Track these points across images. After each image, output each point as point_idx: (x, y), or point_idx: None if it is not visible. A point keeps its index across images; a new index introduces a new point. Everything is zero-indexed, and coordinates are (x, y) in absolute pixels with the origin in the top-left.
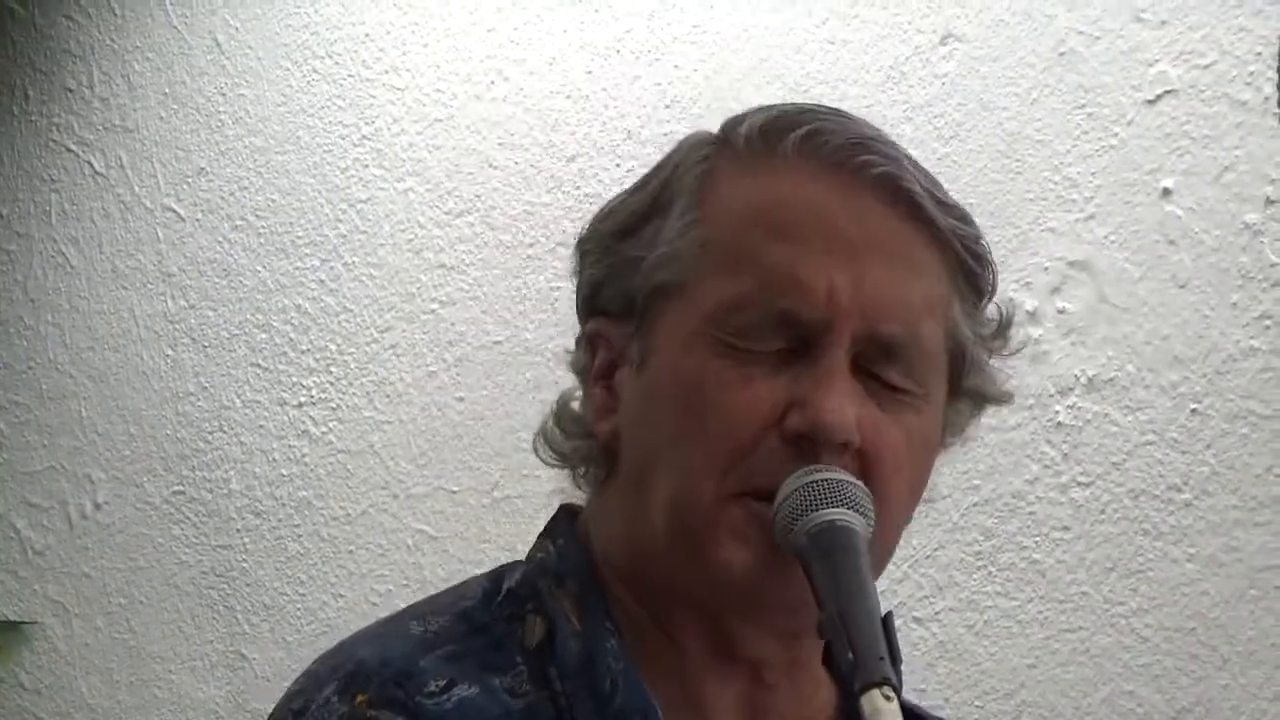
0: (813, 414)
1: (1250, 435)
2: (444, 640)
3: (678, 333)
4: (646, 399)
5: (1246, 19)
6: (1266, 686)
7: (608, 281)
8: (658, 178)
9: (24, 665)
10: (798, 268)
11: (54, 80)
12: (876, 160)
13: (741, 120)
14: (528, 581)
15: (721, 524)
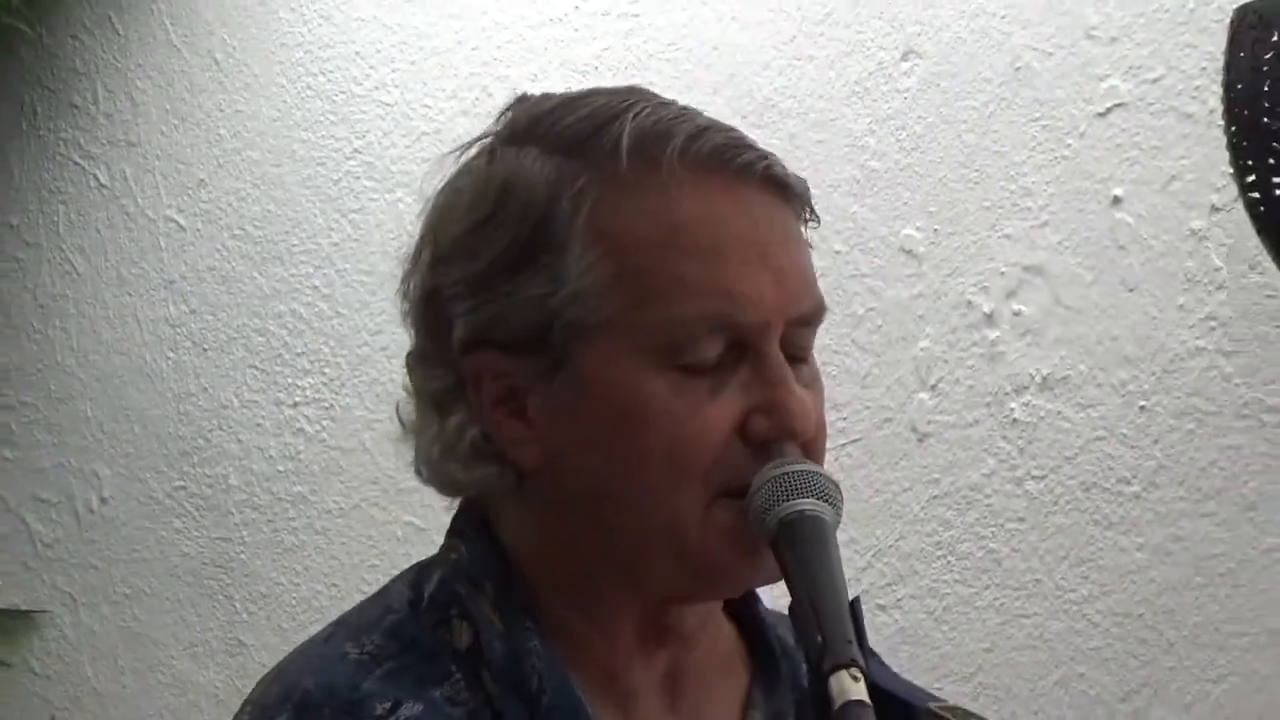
0: (779, 417)
1: (1196, 431)
2: (381, 659)
3: (612, 364)
4: (592, 431)
5: (1193, 36)
6: (1210, 669)
7: (497, 320)
8: (515, 210)
9: (34, 652)
10: (725, 281)
11: (61, 97)
12: (751, 158)
13: (593, 131)
14: (446, 586)
15: (712, 526)
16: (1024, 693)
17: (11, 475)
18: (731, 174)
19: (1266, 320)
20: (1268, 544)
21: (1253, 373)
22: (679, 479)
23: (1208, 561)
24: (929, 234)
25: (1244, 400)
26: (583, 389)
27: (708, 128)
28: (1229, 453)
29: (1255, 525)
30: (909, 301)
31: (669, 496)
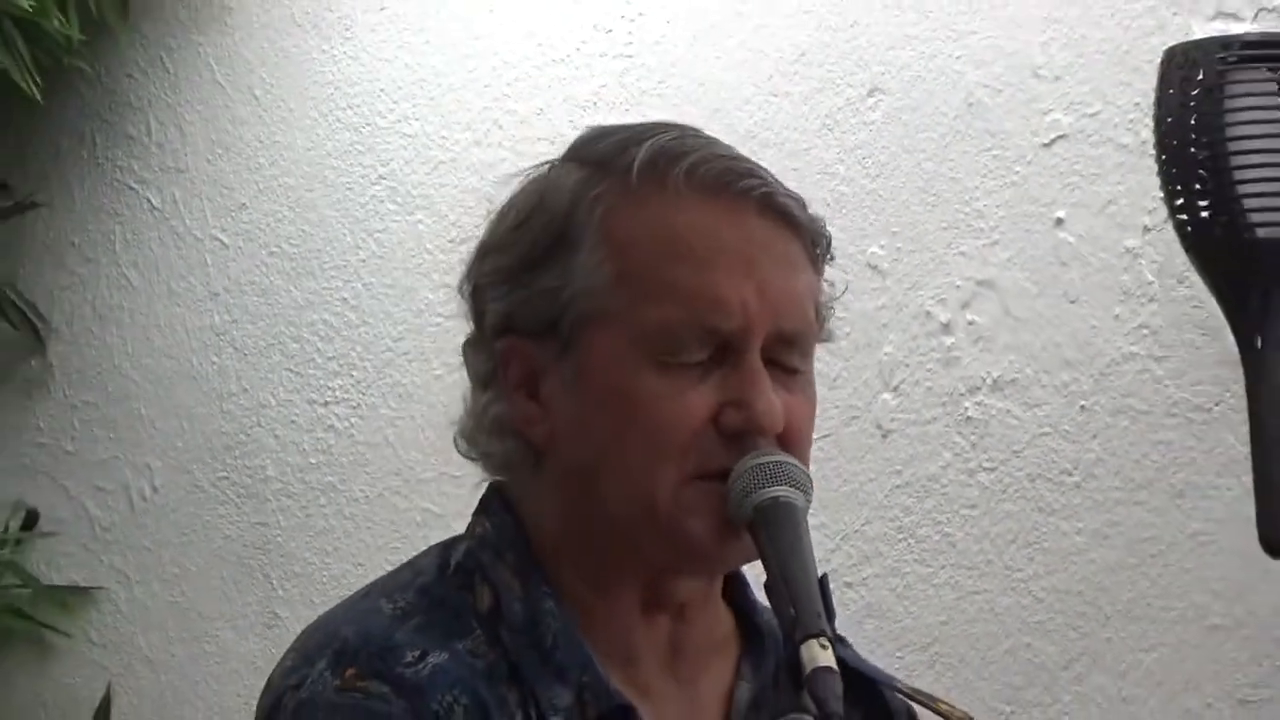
0: (748, 413)
1: (1130, 428)
2: (412, 614)
3: (610, 355)
4: (588, 410)
5: (1127, 74)
6: (1142, 640)
7: (521, 308)
8: (545, 215)
9: (92, 624)
10: (713, 288)
11: (117, 129)
12: (752, 183)
13: (619, 150)
14: (471, 555)
15: (684, 504)
16: (976, 661)
17: (72, 467)
18: (731, 196)
19: (1193, 329)
20: (1193, 529)
21: (1181, 375)
22: (657, 458)
23: (1140, 544)
24: (892, 251)
25: (1173, 400)
26: (583, 372)
27: (720, 155)
28: (1159, 447)
29: (1183, 512)
30: (874, 312)
31: (648, 473)
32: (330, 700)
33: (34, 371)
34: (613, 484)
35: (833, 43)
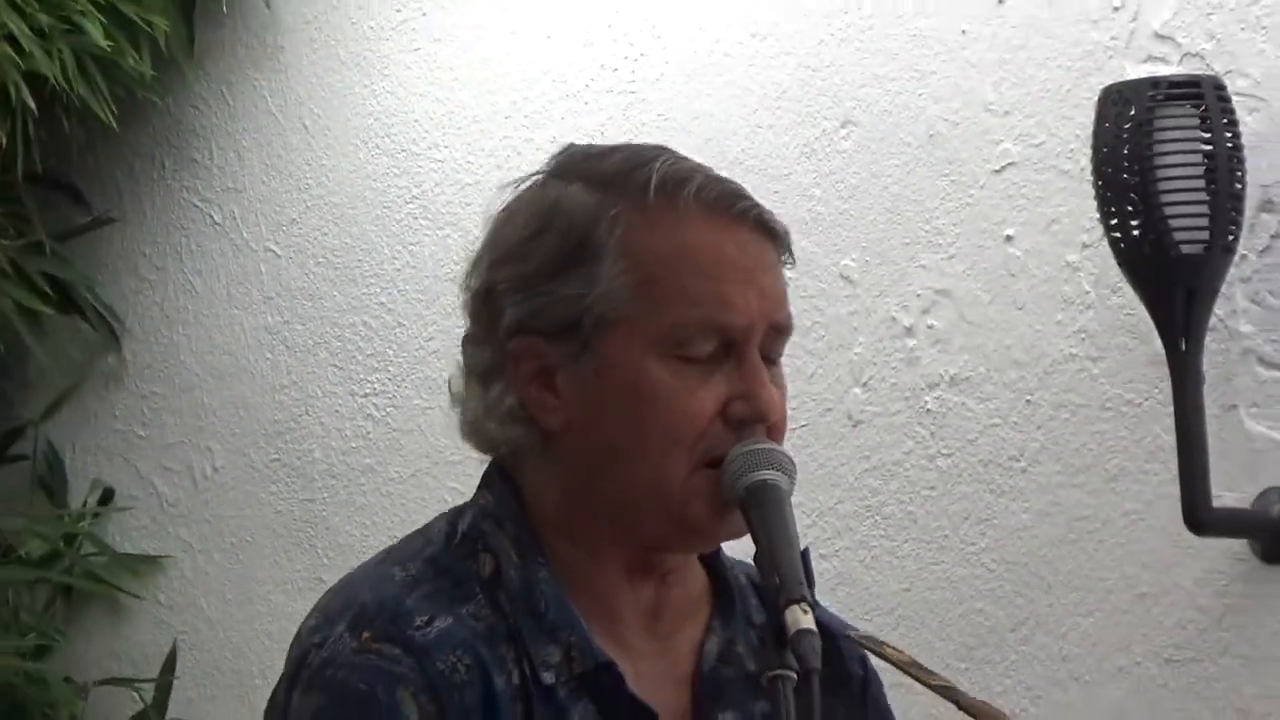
0: (754, 404)
1: (1070, 419)
2: (421, 582)
3: (629, 352)
4: (607, 402)
5: (1068, 110)
6: (1080, 606)
7: (541, 311)
8: (561, 229)
9: (160, 588)
10: (723, 293)
11: (183, 154)
12: (746, 205)
13: (627, 173)
14: (475, 525)
15: (691, 490)
16: (934, 623)
17: (143, 449)
18: (732, 215)
19: (1125, 333)
20: (1125, 508)
21: (1114, 374)
22: (670, 446)
23: (1078, 522)
24: (861, 264)
25: (1107, 396)
26: (603, 369)
27: (718, 179)
28: (1096, 437)
29: (1116, 494)
30: (846, 316)
31: (661, 460)
32: (349, 659)
33: (110, 366)
34: (627, 468)
35: (811, 81)
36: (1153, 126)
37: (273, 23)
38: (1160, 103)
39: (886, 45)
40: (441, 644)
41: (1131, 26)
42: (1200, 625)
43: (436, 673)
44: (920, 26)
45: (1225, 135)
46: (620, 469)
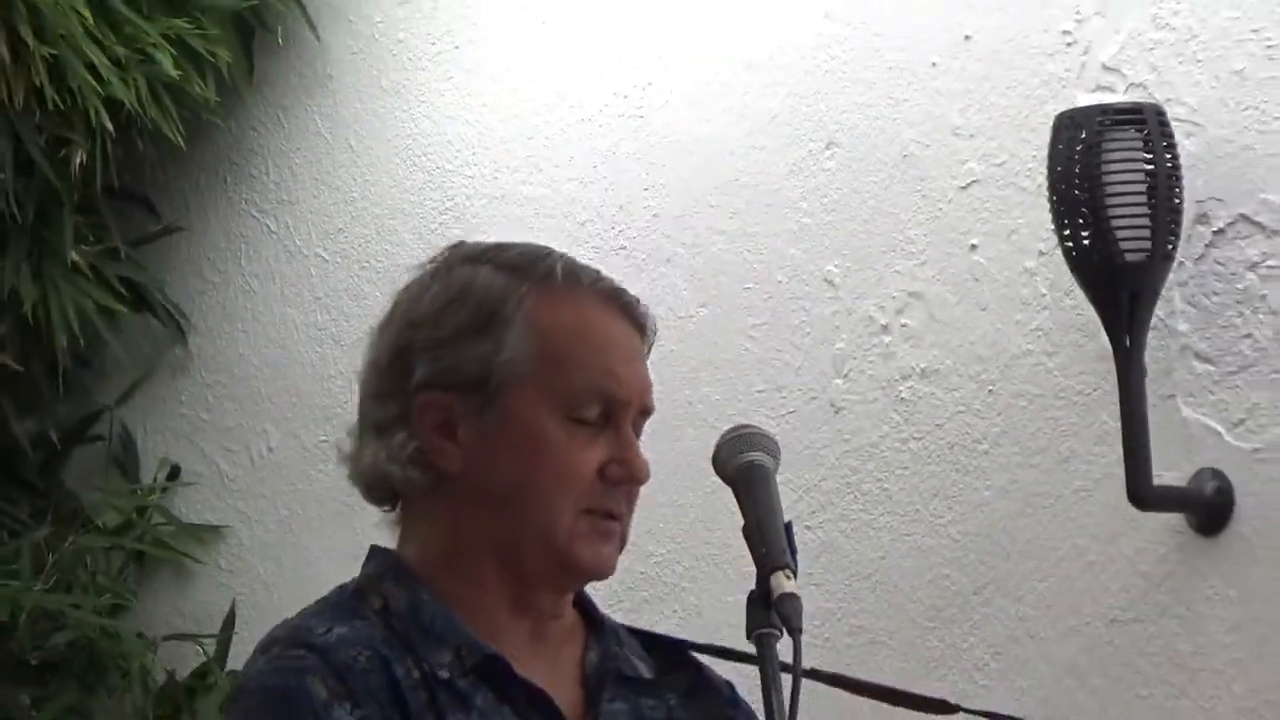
0: (628, 468)
1: (1027, 407)
2: (321, 613)
3: (528, 409)
4: (504, 452)
5: (1027, 134)
6: (1035, 572)
7: (450, 369)
8: (474, 301)
9: (220, 554)
10: (610, 367)
11: (243, 170)
12: (629, 299)
13: (533, 261)
14: (363, 581)
15: (575, 533)
16: (906, 587)
17: (207, 432)
18: (619, 306)
19: (1076, 331)
20: (1076, 486)
21: (1067, 367)
22: (558, 496)
23: (1034, 498)
24: (843, 269)
25: (1060, 386)
26: (505, 422)
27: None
28: (1050, 423)
29: (1067, 473)
30: (829, 316)
31: (549, 506)
32: (263, 671)
33: (177, 358)
34: (519, 509)
35: (798, 108)
36: (1101, 149)
37: (322, 54)
38: (1108, 127)
39: (865, 76)
40: (341, 643)
41: (1082, 60)
42: (1142, 589)
43: (339, 662)
44: (895, 59)
45: (1165, 157)
46: (512, 510)
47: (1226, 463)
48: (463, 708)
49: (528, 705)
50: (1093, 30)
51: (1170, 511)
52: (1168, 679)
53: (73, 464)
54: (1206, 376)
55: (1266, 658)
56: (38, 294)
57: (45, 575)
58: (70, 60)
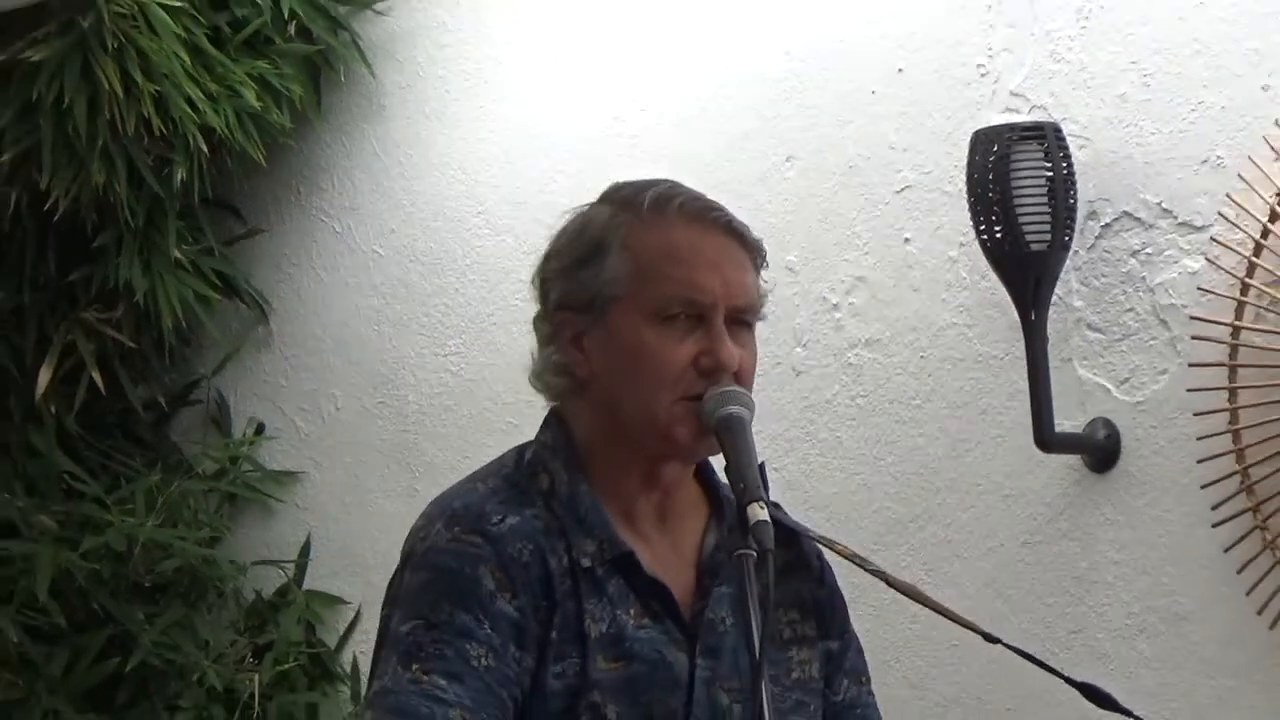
0: (715, 357)
1: (952, 370)
2: (497, 493)
3: (624, 321)
4: (613, 357)
5: (950, 147)
6: (960, 504)
7: (571, 292)
8: (588, 235)
9: (298, 496)
10: (693, 277)
11: (313, 182)
12: (719, 214)
13: (635, 194)
14: (536, 454)
15: (674, 416)
16: (855, 516)
17: (286, 395)
18: (708, 222)
19: (991, 307)
20: (993, 434)
21: (984, 337)
22: (656, 389)
23: (959, 444)
24: (802, 258)
25: (979, 353)
26: (610, 333)
27: (700, 198)
28: (971, 382)
29: (985, 423)
30: (790, 296)
31: (649, 399)
32: (444, 546)
33: (261, 336)
34: (629, 405)
35: (764, 127)
36: (1010, 159)
37: (376, 88)
38: (1015, 142)
39: (818, 102)
40: (511, 535)
41: (994, 88)
42: (1046, 517)
43: (506, 555)
44: (842, 89)
45: (1061, 165)
46: (625, 404)
47: (1114, 413)
48: (597, 593)
49: (650, 594)
50: (1002, 64)
51: (1069, 454)
52: (1068, 590)
53: (177, 423)
54: (1097, 343)
55: (1147, 572)
56: (148, 285)
57: (155, 513)
58: (172, 95)
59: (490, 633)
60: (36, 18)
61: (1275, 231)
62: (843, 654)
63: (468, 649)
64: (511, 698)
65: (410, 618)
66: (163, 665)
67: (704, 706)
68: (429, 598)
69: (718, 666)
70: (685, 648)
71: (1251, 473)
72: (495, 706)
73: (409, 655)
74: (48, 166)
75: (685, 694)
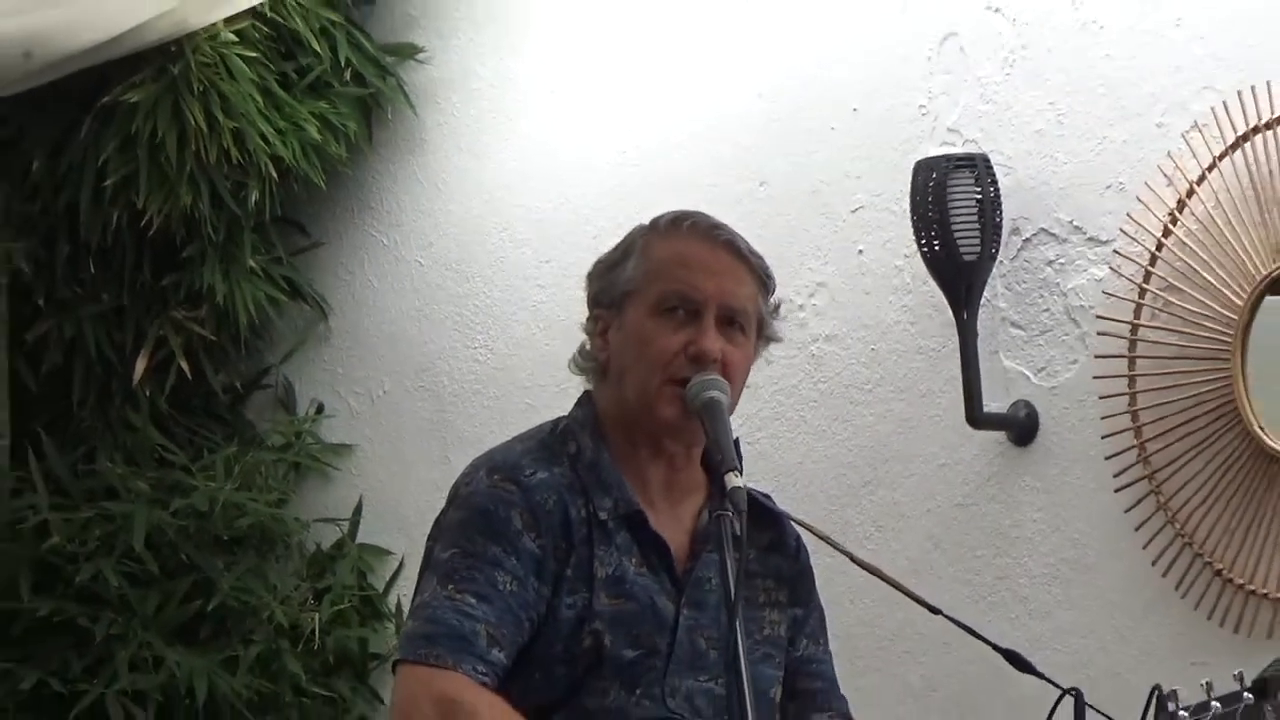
0: (700, 346)
1: (899, 361)
2: (531, 451)
3: (634, 314)
4: (623, 342)
5: (896, 175)
6: (905, 470)
7: (603, 290)
8: (621, 246)
9: (352, 464)
10: (690, 279)
11: (365, 203)
12: (723, 233)
13: (661, 217)
14: (568, 425)
15: (662, 396)
16: (818, 482)
17: (342, 381)
18: (711, 238)
19: (931, 308)
20: (931, 414)
21: (925, 333)
22: (650, 367)
23: (903, 422)
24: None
25: (920, 346)
26: (623, 325)
27: (709, 220)
28: (914, 370)
29: (926, 404)
30: None
31: (643, 379)
32: (484, 490)
33: (321, 332)
34: (629, 382)
35: (741, 157)
36: (946, 184)
37: (419, 125)
38: (951, 170)
39: (785, 135)
40: (539, 486)
41: (933, 125)
42: (977, 483)
43: (535, 501)
44: (806, 125)
45: (989, 189)
46: (626, 383)
47: (1033, 397)
48: (607, 541)
49: (651, 548)
50: (940, 105)
51: (995, 430)
52: (994, 544)
53: (250, 404)
54: (1019, 338)
55: (1060, 529)
56: (226, 289)
57: (232, 479)
58: (248, 130)
59: (516, 564)
60: (134, 65)
61: (1168, 245)
62: (806, 619)
63: (496, 576)
64: (529, 620)
65: (450, 547)
66: (238, 606)
67: (685, 648)
68: (467, 532)
69: (700, 618)
70: (674, 598)
71: (1147, 446)
72: (514, 625)
73: (447, 577)
74: (143, 190)
75: (670, 635)
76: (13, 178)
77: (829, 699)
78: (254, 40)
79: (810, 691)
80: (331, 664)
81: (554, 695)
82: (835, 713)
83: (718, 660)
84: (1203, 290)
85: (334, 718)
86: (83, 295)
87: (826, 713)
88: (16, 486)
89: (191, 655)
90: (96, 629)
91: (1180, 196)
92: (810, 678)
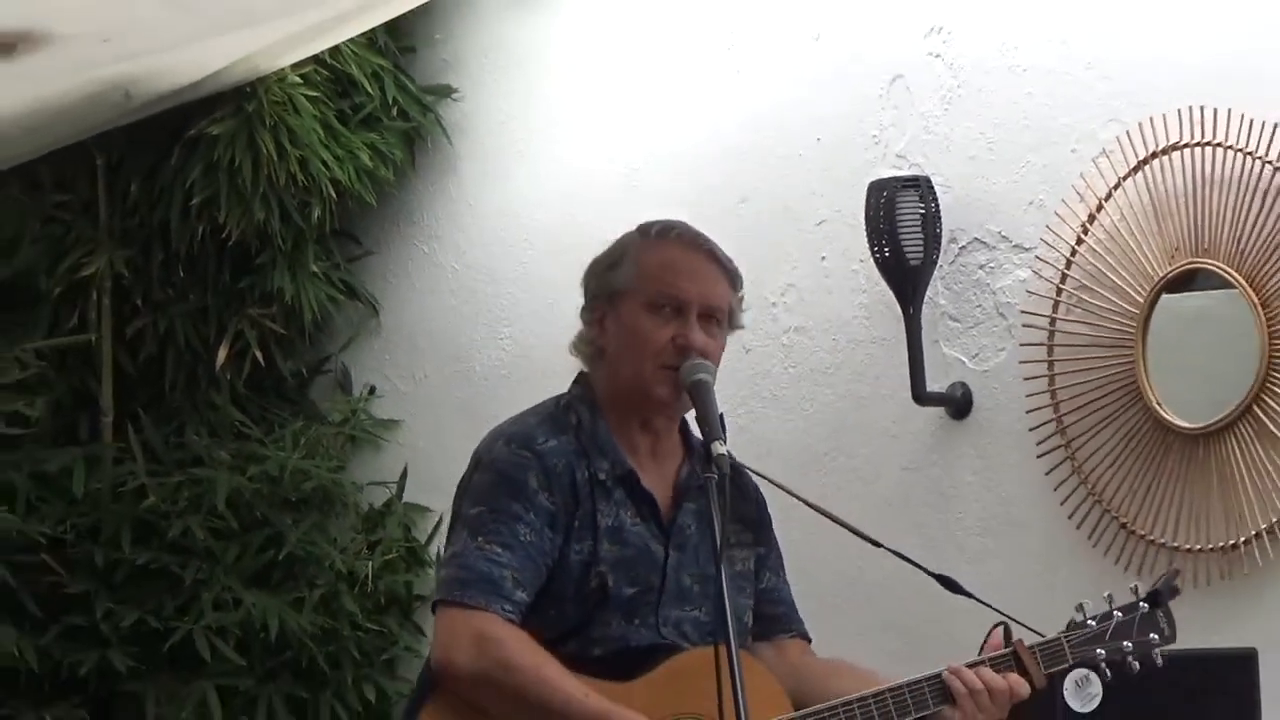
0: (686, 339)
1: (856, 349)
2: (543, 423)
3: (628, 309)
4: (617, 335)
5: (854, 194)
6: (860, 440)
7: (601, 287)
8: (615, 250)
9: (398, 436)
10: (675, 281)
11: (408, 218)
12: (703, 242)
13: (651, 226)
14: (570, 400)
15: (655, 379)
16: (787, 451)
17: (390, 367)
18: (695, 247)
19: (883, 306)
20: (883, 393)
21: (878, 326)
22: (643, 357)
23: (859, 399)
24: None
25: (874, 337)
26: (618, 318)
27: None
28: (869, 356)
29: (879, 385)
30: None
31: (639, 364)
32: (503, 456)
33: (373, 327)
34: (625, 369)
35: (725, 178)
36: (895, 201)
37: (453, 153)
38: (899, 189)
39: (762, 162)
40: (550, 452)
41: (884, 151)
42: (922, 450)
43: (548, 464)
44: (780, 152)
45: (932, 205)
46: (622, 369)
47: (968, 379)
48: (607, 497)
49: (642, 502)
50: (890, 135)
51: (937, 406)
52: (936, 503)
53: (314, 386)
54: (956, 330)
55: (991, 489)
56: (294, 290)
57: (299, 449)
58: (311, 157)
59: (533, 519)
60: (215, 103)
61: (1081, 252)
62: (767, 555)
63: (518, 529)
64: (545, 565)
65: (477, 504)
66: (304, 555)
67: (673, 583)
68: (492, 492)
69: (683, 558)
70: (662, 542)
71: (1065, 419)
72: (534, 570)
73: (475, 531)
74: (224, 208)
75: (660, 574)
76: (114, 198)
77: (790, 621)
78: (316, 82)
79: (774, 616)
80: (382, 604)
81: (567, 627)
82: (795, 632)
83: (700, 593)
84: (1110, 290)
85: (384, 649)
86: (174, 296)
87: (789, 632)
88: (118, 456)
89: (265, 597)
90: (185, 575)
91: (1091, 211)
92: (774, 604)
